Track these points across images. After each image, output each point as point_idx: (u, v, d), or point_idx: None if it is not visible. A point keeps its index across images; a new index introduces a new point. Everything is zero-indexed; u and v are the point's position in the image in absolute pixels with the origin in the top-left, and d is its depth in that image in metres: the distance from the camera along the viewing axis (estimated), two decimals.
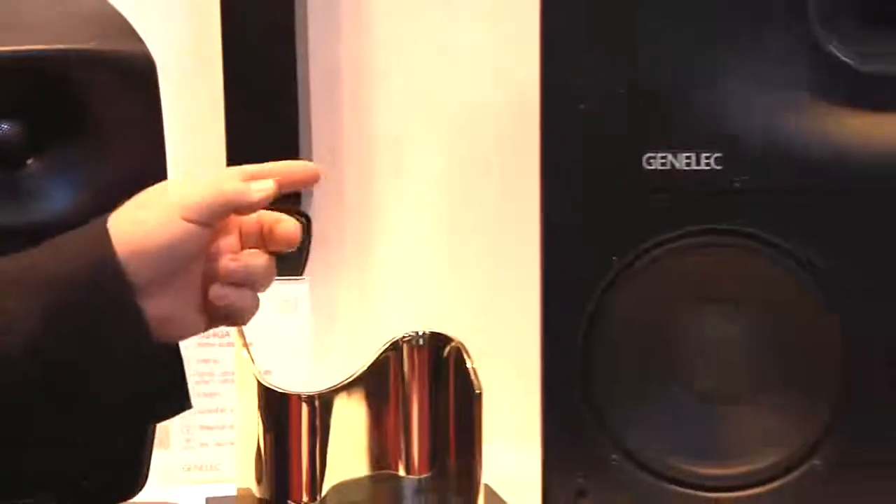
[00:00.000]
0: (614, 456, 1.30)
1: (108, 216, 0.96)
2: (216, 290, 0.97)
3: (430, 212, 1.67)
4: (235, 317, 0.99)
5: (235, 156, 1.56)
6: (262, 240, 1.00)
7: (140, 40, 1.18)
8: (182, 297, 0.98)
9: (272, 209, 1.06)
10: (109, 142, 1.17)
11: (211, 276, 0.98)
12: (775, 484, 1.29)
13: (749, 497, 1.30)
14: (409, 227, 1.67)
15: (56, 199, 1.16)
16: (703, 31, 1.26)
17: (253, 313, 1.00)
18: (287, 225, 1.00)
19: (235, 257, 0.98)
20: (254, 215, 1.00)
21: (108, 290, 0.94)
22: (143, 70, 1.16)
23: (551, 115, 1.28)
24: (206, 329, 1.00)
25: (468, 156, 1.65)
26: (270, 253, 1.01)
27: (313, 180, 1.00)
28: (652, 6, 1.27)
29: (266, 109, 1.61)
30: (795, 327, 1.29)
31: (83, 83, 1.15)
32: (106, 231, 0.94)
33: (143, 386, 0.99)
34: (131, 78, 1.16)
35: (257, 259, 0.98)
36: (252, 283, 0.98)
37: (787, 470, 1.28)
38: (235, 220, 0.99)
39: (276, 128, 1.60)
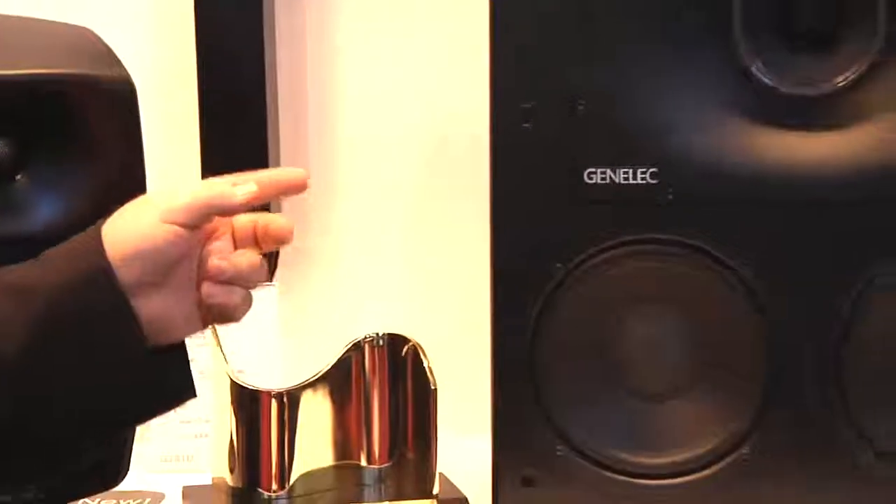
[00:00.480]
0: (559, 447, 1.31)
1: (100, 225, 0.96)
2: (206, 289, 0.97)
3: (392, 221, 1.67)
4: (227, 314, 0.99)
5: (208, 166, 1.55)
6: (256, 242, 1.00)
7: (122, 66, 1.19)
8: (175, 298, 0.97)
9: None
10: (95, 158, 1.17)
11: (204, 277, 0.98)
12: (707, 472, 1.31)
13: (682, 484, 1.31)
14: (371, 237, 1.67)
15: (46, 211, 1.15)
16: (638, 56, 1.28)
17: (245, 311, 1.00)
18: (280, 223, 0.99)
19: (224, 256, 0.97)
20: (247, 218, 0.99)
21: (101, 294, 0.94)
22: (125, 93, 1.17)
23: (500, 134, 1.29)
24: (202, 328, 1.00)
25: (426, 170, 1.65)
26: (263, 253, 1.00)
27: (301, 186, 1.00)
28: (589, 37, 1.28)
29: (237, 125, 1.59)
30: (725, 328, 1.30)
31: (71, 104, 1.16)
32: (99, 239, 0.95)
33: (138, 386, 0.98)
34: (114, 100, 1.17)
35: (245, 257, 0.97)
36: (242, 281, 0.98)
37: (719, 458, 1.30)
38: (228, 223, 0.99)
39: (246, 142, 1.58)
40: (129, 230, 0.95)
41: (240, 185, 0.97)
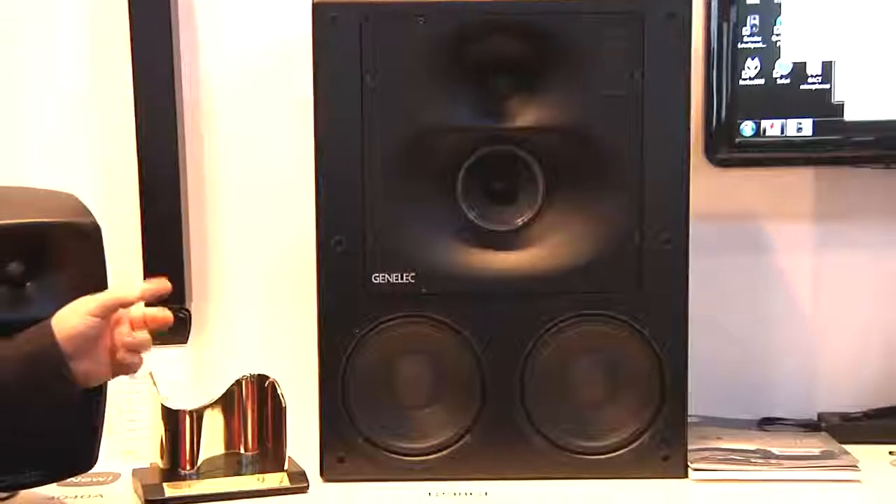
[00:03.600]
0: (359, 439, 1.56)
1: (50, 319, 1.19)
2: (121, 353, 1.21)
3: (262, 306, 1.80)
4: (130, 369, 1.23)
5: (149, 263, 1.71)
6: (145, 325, 1.23)
7: (91, 215, 1.39)
8: (96, 361, 1.22)
9: (163, 305, 1.29)
10: (74, 273, 1.37)
11: (115, 347, 1.22)
12: (445, 452, 1.57)
13: (431, 459, 1.57)
14: (248, 314, 1.81)
15: (44, 307, 1.34)
16: (401, 205, 1.52)
17: (140, 367, 1.24)
18: (164, 314, 1.24)
19: (131, 333, 1.23)
20: (139, 313, 1.22)
21: (52, 359, 1.19)
22: (93, 233, 1.39)
23: (323, 254, 1.53)
24: (112, 377, 1.23)
25: (279, 280, 1.77)
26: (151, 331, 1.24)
27: (166, 292, 1.23)
28: (373, 192, 1.50)
29: (159, 224, 1.73)
30: (456, 366, 1.57)
31: (59, 242, 1.36)
32: (50, 328, 1.20)
33: (73, 413, 1.24)
34: (85, 237, 1.38)
35: (143, 335, 1.23)
36: (142, 348, 1.23)
37: (453, 443, 1.57)
38: (126, 314, 1.22)
39: (164, 239, 1.73)
40: (67, 321, 1.21)
41: (132, 289, 1.21)
